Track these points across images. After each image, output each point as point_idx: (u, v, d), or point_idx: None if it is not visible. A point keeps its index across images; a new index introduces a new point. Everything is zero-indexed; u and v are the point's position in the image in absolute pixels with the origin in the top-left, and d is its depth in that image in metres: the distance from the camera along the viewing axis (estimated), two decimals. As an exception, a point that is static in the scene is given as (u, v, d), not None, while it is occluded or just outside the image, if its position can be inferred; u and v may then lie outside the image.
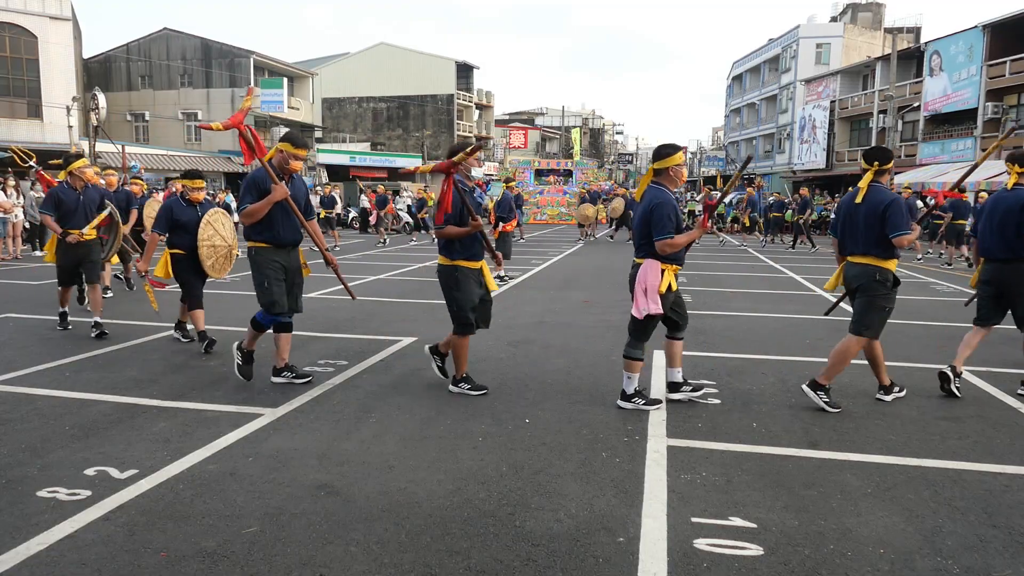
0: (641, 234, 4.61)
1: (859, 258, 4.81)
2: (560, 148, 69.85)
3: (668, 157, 4.55)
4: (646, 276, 4.53)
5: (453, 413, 4.61)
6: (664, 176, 4.60)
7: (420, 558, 2.80)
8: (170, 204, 6.45)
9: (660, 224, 4.42)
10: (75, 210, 6.95)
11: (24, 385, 5.14)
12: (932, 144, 32.69)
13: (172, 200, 6.49)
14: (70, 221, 6.94)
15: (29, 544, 2.85)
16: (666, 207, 4.45)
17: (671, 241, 4.44)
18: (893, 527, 3.10)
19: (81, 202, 7.00)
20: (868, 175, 4.77)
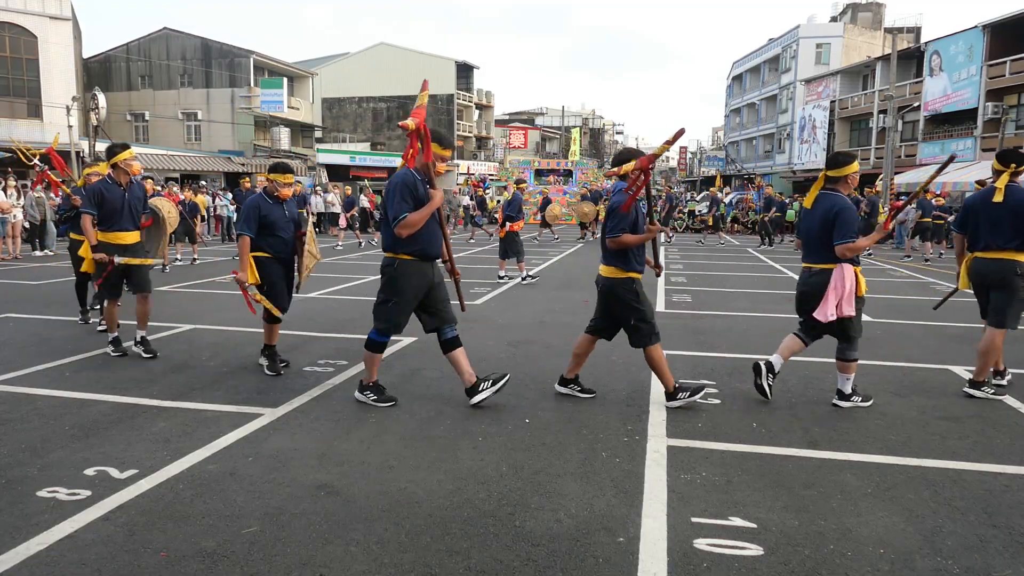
0: (820, 239, 4.70)
1: (997, 253, 5.00)
2: (560, 148, 69.83)
3: (846, 165, 4.75)
4: (843, 280, 4.61)
5: (453, 413, 4.61)
6: (841, 183, 4.77)
7: (420, 558, 2.79)
8: (256, 202, 5.50)
9: (846, 228, 4.56)
10: (119, 209, 6.00)
11: (24, 385, 5.14)
12: (932, 144, 32.69)
13: (258, 197, 5.56)
14: (114, 222, 6.00)
15: (29, 544, 2.85)
16: (851, 211, 4.62)
17: (853, 245, 4.56)
18: (893, 527, 3.10)
19: (126, 200, 6.03)
20: (1005, 176, 5.03)
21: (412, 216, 4.38)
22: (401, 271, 4.53)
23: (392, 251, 4.58)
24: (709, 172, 56.52)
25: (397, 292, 4.56)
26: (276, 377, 5.43)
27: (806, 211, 4.85)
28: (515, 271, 12.29)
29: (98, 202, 5.91)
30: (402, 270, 4.53)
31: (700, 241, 22.86)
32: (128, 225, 6.06)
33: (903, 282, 12.66)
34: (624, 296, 4.69)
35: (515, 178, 14.50)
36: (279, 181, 5.56)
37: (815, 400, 5.02)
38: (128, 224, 6.06)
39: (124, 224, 6.03)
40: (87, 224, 5.90)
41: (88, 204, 5.93)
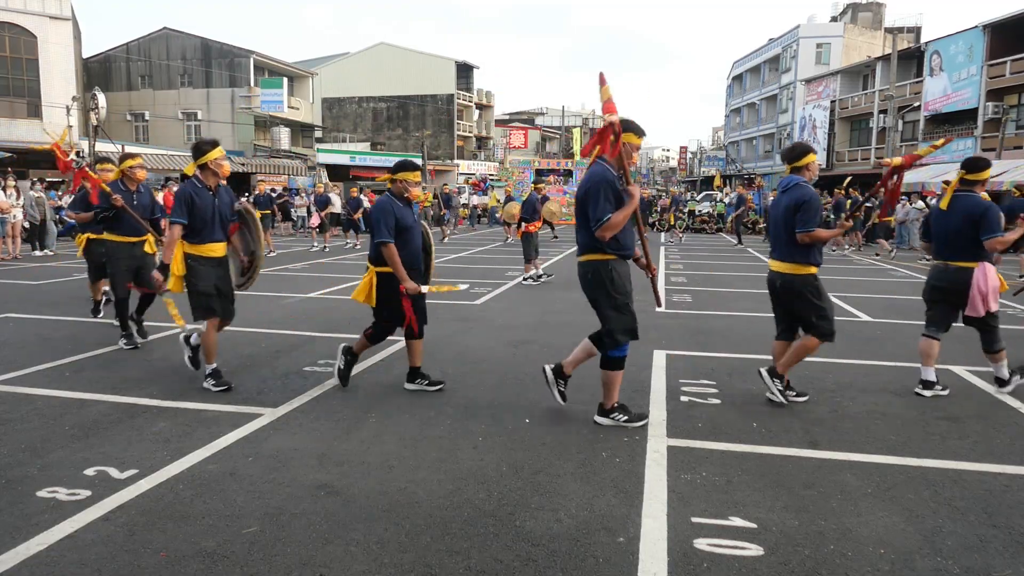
0: (959, 238, 5.01)
1: None
2: (560, 148, 69.84)
3: (984, 170, 5.07)
4: (987, 279, 4.95)
5: (453, 413, 4.61)
6: (978, 185, 5.09)
7: (420, 558, 2.79)
8: (388, 205, 4.86)
9: (993, 225, 4.88)
10: (211, 217, 5.10)
11: (24, 385, 5.14)
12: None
13: (387, 199, 4.92)
14: (205, 233, 5.08)
15: (29, 544, 2.85)
16: (996, 210, 4.92)
17: (1003, 239, 4.93)
18: (893, 527, 3.10)
19: (216, 206, 5.13)
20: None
21: (615, 217, 4.09)
22: (618, 270, 4.27)
23: (600, 252, 4.23)
24: (709, 172, 56.54)
25: (624, 292, 4.27)
26: (277, 377, 5.43)
27: (942, 212, 5.12)
28: (519, 269, 12.28)
29: (188, 208, 4.94)
30: (619, 268, 4.27)
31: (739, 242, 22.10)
32: (220, 235, 5.19)
33: (903, 282, 12.65)
34: (806, 292, 4.77)
35: (532, 180, 14.52)
36: (409, 180, 5.01)
37: (815, 400, 5.02)
38: (220, 234, 5.19)
39: (216, 235, 5.15)
40: (176, 234, 4.96)
41: (179, 211, 4.91)
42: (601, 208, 4.07)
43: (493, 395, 5.03)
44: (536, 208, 12.24)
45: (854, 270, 14.73)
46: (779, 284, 4.87)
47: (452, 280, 4.85)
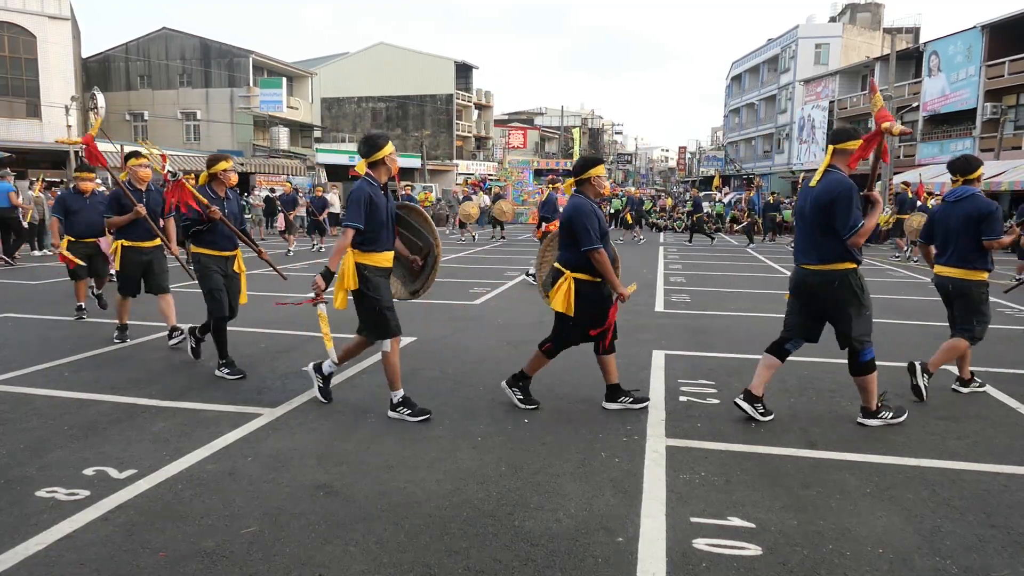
0: None
1: None
2: (560, 148, 69.84)
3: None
4: None
5: (453, 413, 4.61)
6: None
7: (419, 558, 2.80)
8: (588, 207, 4.52)
9: None
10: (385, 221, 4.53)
11: (24, 385, 5.13)
12: (931, 144, 32.72)
13: (582, 200, 4.57)
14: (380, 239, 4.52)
15: (28, 544, 2.85)
16: None
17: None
18: (892, 527, 3.10)
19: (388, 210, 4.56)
20: None
21: (868, 222, 4.11)
22: (863, 277, 4.31)
23: (850, 261, 4.22)
24: (708, 172, 56.55)
25: (868, 296, 4.33)
26: (276, 377, 5.43)
27: None
28: (519, 270, 12.27)
29: (368, 211, 4.36)
30: (863, 276, 4.31)
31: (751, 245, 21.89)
32: (391, 243, 4.61)
33: (903, 282, 12.66)
34: (978, 297, 5.05)
35: (549, 179, 14.44)
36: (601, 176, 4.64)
37: (815, 400, 5.03)
38: (391, 241, 4.61)
39: (389, 241, 4.57)
40: (348, 240, 4.31)
41: (357, 214, 4.30)
42: (854, 215, 4.09)
43: (493, 395, 5.03)
44: (556, 207, 12.20)
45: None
46: (951, 288, 5.15)
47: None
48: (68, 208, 7.63)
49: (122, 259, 6.47)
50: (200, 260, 5.55)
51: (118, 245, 6.47)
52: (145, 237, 6.53)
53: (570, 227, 4.48)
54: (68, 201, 7.67)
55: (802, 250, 4.44)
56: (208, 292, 5.51)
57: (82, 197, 7.65)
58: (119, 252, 6.47)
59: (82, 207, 7.66)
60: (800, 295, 4.53)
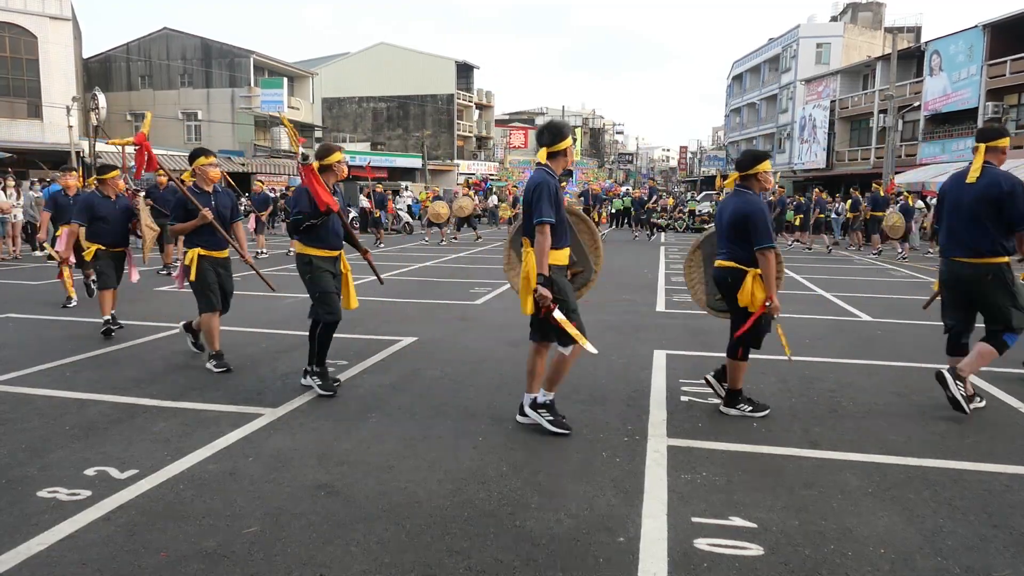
0: None
1: None
2: (560, 148, 69.70)
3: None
4: None
5: (453, 413, 4.61)
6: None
7: (420, 558, 2.79)
8: (760, 202, 4.51)
9: None
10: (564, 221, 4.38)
11: (24, 385, 5.14)
12: (932, 144, 32.70)
13: (758, 199, 4.55)
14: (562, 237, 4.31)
15: (29, 544, 2.85)
16: None
17: None
18: (893, 527, 3.10)
19: None
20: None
21: None
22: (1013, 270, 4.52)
23: (1004, 255, 4.48)
24: (709, 172, 56.53)
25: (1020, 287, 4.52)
26: (277, 377, 5.43)
27: None
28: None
29: (557, 206, 4.15)
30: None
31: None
32: (567, 238, 4.42)
33: (903, 282, 12.65)
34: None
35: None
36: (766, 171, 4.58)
37: (815, 400, 5.02)
38: (567, 236, 4.43)
39: (566, 236, 4.40)
40: (548, 238, 4.04)
41: (548, 209, 4.07)
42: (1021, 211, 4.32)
43: (493, 395, 5.03)
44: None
45: (854, 270, 14.73)
46: None
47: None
48: (95, 213, 6.91)
49: (199, 271, 5.62)
50: (312, 262, 4.98)
51: (194, 255, 5.59)
52: (221, 245, 5.76)
53: (748, 223, 4.35)
54: (95, 205, 6.93)
55: (958, 243, 4.59)
56: (321, 296, 4.97)
57: (110, 201, 7.02)
58: (195, 263, 5.60)
59: (110, 212, 6.99)
60: (953, 287, 4.75)
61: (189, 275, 5.65)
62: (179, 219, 5.63)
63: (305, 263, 5.02)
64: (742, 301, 4.45)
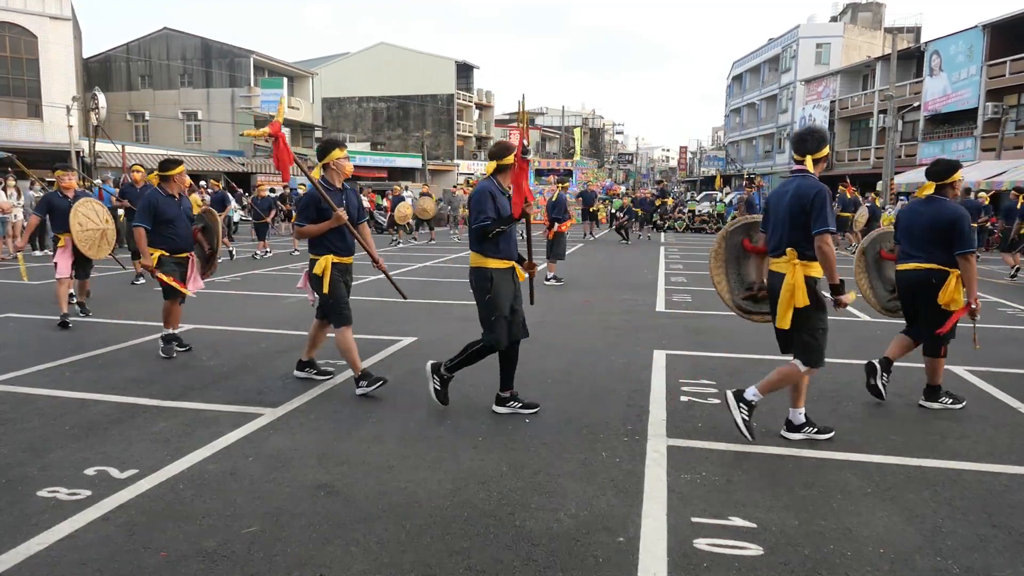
0: None
1: None
2: (560, 148, 69.86)
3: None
4: None
5: (453, 413, 4.61)
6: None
7: (420, 558, 2.80)
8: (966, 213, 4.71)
9: None
10: None
11: (24, 385, 5.14)
12: (932, 144, 32.69)
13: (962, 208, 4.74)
14: None
15: (29, 544, 2.85)
16: None
17: None
18: (893, 527, 3.10)
19: None
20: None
21: None
22: None
23: None
24: (709, 172, 56.53)
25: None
26: (277, 377, 5.43)
27: None
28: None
29: None
30: None
31: None
32: None
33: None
34: None
35: (556, 179, 14.30)
36: None
37: (815, 400, 5.02)
38: None
39: None
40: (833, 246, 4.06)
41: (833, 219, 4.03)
42: None
43: (493, 395, 5.02)
44: (566, 208, 12.22)
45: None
46: None
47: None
48: (160, 215, 5.97)
49: (333, 282, 4.96)
50: (494, 277, 4.46)
51: (327, 263, 4.92)
52: (351, 251, 5.13)
53: (954, 229, 4.56)
54: (159, 205, 5.99)
55: None
56: (497, 320, 4.48)
57: (174, 200, 6.14)
58: (328, 272, 4.91)
59: (176, 215, 6.09)
60: None
61: (321, 286, 4.93)
62: (310, 220, 4.91)
63: (486, 278, 4.44)
64: (943, 300, 4.64)
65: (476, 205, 4.43)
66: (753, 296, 4.61)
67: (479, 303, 4.53)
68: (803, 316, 4.01)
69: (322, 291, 4.97)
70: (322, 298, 5.05)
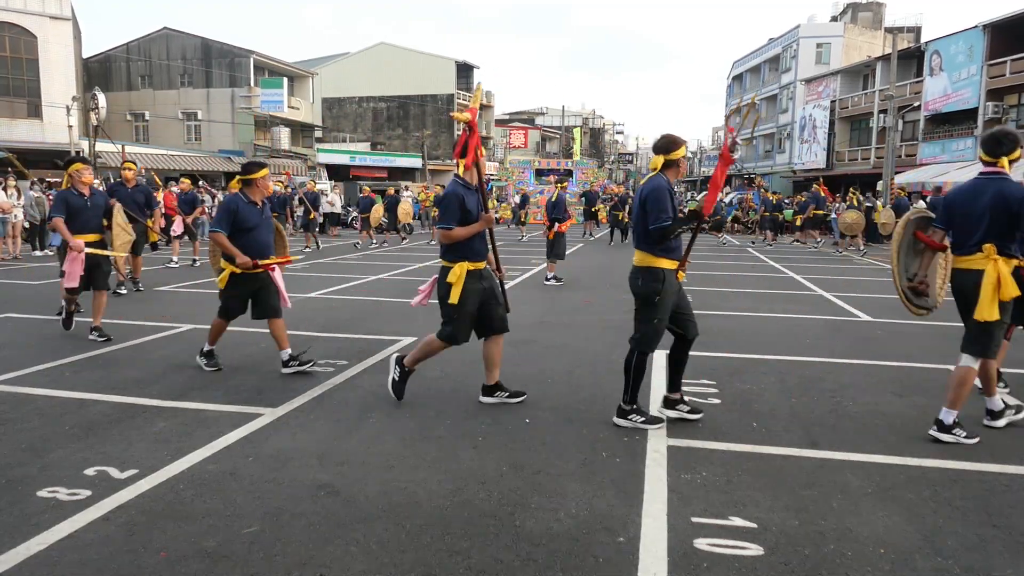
0: None
1: None
2: (560, 148, 69.83)
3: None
4: None
5: (453, 413, 4.61)
6: None
7: (420, 558, 2.79)
8: None
9: None
10: None
11: (24, 385, 5.14)
12: (932, 144, 32.69)
13: None
14: None
15: (29, 544, 2.85)
16: None
17: None
18: (893, 527, 3.10)
19: None
20: None
21: None
22: None
23: None
24: (709, 172, 56.51)
25: None
26: (277, 377, 5.43)
27: None
28: (519, 269, 12.28)
29: None
30: None
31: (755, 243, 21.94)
32: None
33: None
34: None
35: (554, 179, 14.26)
36: None
37: (815, 400, 5.02)
38: None
39: None
40: None
41: None
42: None
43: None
44: (566, 208, 12.22)
45: (854, 270, 14.73)
46: None
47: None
48: (240, 223, 5.28)
49: (464, 294, 4.54)
50: (667, 279, 4.25)
51: (462, 270, 4.51)
52: (484, 255, 4.71)
53: None
54: (241, 213, 5.29)
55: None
56: (660, 322, 4.30)
57: (256, 208, 5.40)
58: (461, 281, 4.51)
59: (258, 224, 5.39)
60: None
61: (450, 296, 4.52)
62: (458, 222, 4.44)
63: (658, 279, 4.21)
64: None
65: (657, 204, 4.13)
66: (913, 287, 4.54)
67: (646, 311, 4.28)
68: (1002, 308, 4.07)
69: (448, 301, 4.53)
70: (446, 309, 4.56)
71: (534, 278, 12.23)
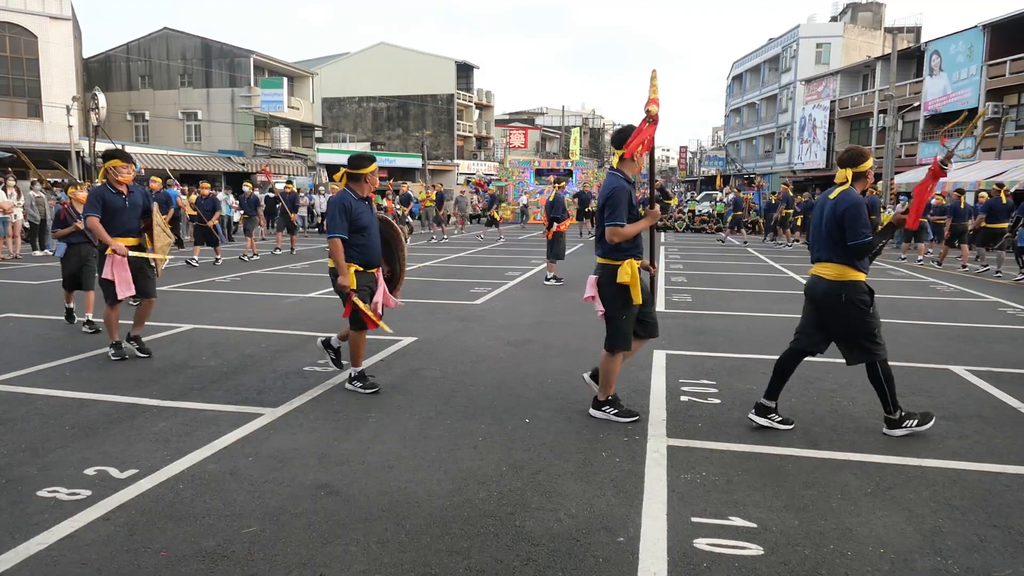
0: None
1: None
2: (560, 148, 69.81)
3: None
4: None
5: (453, 413, 4.61)
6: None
7: (420, 558, 2.80)
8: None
9: None
10: None
11: (24, 385, 5.14)
12: (932, 144, 32.67)
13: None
14: None
15: (29, 544, 2.85)
16: None
17: None
18: (893, 527, 3.10)
19: None
20: None
21: None
22: None
23: None
24: (709, 172, 56.52)
25: None
26: (277, 377, 5.43)
27: None
28: (519, 270, 12.26)
29: None
30: None
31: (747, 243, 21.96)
32: None
33: (903, 282, 12.65)
34: None
35: (553, 179, 14.24)
36: None
37: (815, 400, 5.02)
38: None
39: None
40: None
41: None
42: None
43: (493, 395, 5.03)
44: (564, 208, 12.23)
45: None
46: None
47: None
48: (354, 222, 4.89)
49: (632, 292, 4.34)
50: (872, 292, 4.23)
51: (633, 268, 4.24)
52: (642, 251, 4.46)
53: None
54: (352, 208, 4.89)
55: None
56: (880, 330, 4.22)
57: (366, 205, 5.03)
58: (636, 279, 4.26)
59: (371, 222, 5.02)
60: None
61: (629, 297, 4.26)
62: (628, 219, 4.21)
63: (866, 292, 4.13)
64: None
65: (856, 220, 4.00)
66: None
67: (862, 324, 4.12)
68: None
69: (627, 302, 4.24)
70: (615, 309, 4.25)
71: (534, 278, 12.23)
